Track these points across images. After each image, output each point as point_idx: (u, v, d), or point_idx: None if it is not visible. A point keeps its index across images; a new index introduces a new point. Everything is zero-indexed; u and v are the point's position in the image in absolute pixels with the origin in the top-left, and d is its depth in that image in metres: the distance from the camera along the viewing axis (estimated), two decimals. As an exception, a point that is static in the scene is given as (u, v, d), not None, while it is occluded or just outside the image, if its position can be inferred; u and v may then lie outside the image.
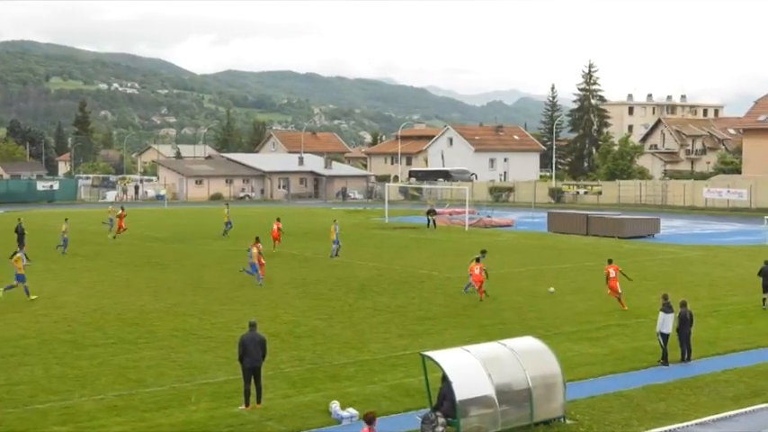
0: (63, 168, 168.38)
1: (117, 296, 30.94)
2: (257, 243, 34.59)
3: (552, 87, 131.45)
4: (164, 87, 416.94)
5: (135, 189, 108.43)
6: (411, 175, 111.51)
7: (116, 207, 57.57)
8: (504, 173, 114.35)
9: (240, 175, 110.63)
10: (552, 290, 32.01)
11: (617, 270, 28.86)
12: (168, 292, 31.92)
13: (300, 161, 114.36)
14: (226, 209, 54.60)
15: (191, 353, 22.45)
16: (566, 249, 46.27)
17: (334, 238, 42.63)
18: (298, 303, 29.62)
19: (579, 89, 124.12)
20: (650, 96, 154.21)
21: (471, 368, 16.26)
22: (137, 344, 23.40)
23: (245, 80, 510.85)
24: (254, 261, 33.83)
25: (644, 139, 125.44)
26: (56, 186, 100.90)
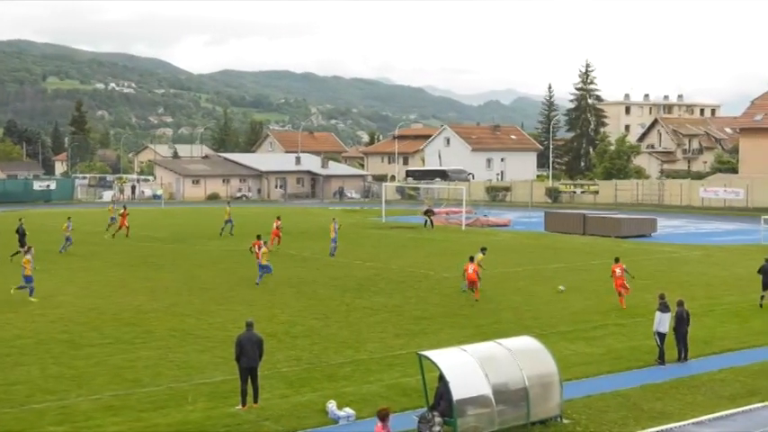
0: (60, 168, 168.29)
1: (113, 296, 30.93)
2: (259, 241, 34.52)
3: (549, 87, 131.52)
4: (161, 87, 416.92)
5: (132, 189, 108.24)
6: (408, 174, 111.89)
7: (118, 206, 57.72)
8: (501, 172, 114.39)
9: (237, 174, 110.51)
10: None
11: (623, 269, 28.94)
12: (165, 291, 31.91)
13: (297, 161, 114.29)
14: (227, 207, 54.75)
15: (187, 353, 22.44)
16: (562, 249, 46.29)
17: (333, 236, 42.61)
18: (294, 303, 29.62)
19: (576, 89, 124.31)
20: (647, 96, 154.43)
21: (468, 368, 16.27)
22: (133, 344, 23.39)
23: (242, 80, 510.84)
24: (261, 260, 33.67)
25: (641, 139, 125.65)
26: (53, 186, 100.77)
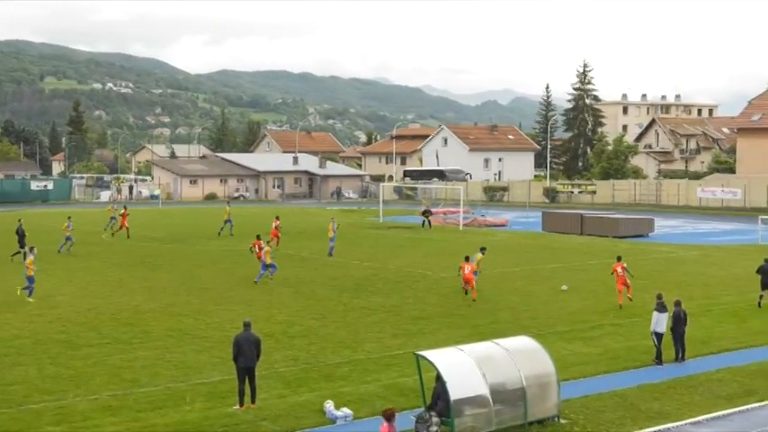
0: (57, 168, 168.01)
1: (111, 296, 30.92)
2: (259, 241, 34.40)
3: (547, 87, 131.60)
4: (158, 87, 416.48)
5: (129, 189, 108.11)
6: (406, 174, 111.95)
7: (119, 206, 57.74)
8: (499, 172, 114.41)
9: (235, 174, 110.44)
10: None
11: (624, 268, 29.00)
12: (163, 291, 31.91)
13: (295, 161, 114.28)
14: (227, 207, 54.82)
15: (185, 353, 22.44)
16: (560, 249, 46.32)
17: (331, 235, 42.66)
18: (292, 303, 29.62)
19: (574, 89, 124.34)
20: (644, 96, 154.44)
21: (465, 368, 16.28)
22: (131, 344, 23.38)
23: (239, 80, 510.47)
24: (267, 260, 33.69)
25: (638, 139, 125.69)
26: (50, 186, 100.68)
